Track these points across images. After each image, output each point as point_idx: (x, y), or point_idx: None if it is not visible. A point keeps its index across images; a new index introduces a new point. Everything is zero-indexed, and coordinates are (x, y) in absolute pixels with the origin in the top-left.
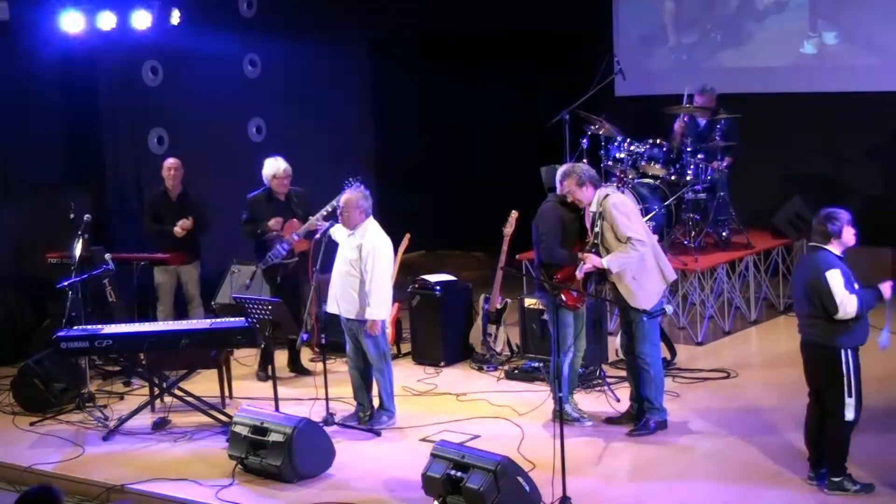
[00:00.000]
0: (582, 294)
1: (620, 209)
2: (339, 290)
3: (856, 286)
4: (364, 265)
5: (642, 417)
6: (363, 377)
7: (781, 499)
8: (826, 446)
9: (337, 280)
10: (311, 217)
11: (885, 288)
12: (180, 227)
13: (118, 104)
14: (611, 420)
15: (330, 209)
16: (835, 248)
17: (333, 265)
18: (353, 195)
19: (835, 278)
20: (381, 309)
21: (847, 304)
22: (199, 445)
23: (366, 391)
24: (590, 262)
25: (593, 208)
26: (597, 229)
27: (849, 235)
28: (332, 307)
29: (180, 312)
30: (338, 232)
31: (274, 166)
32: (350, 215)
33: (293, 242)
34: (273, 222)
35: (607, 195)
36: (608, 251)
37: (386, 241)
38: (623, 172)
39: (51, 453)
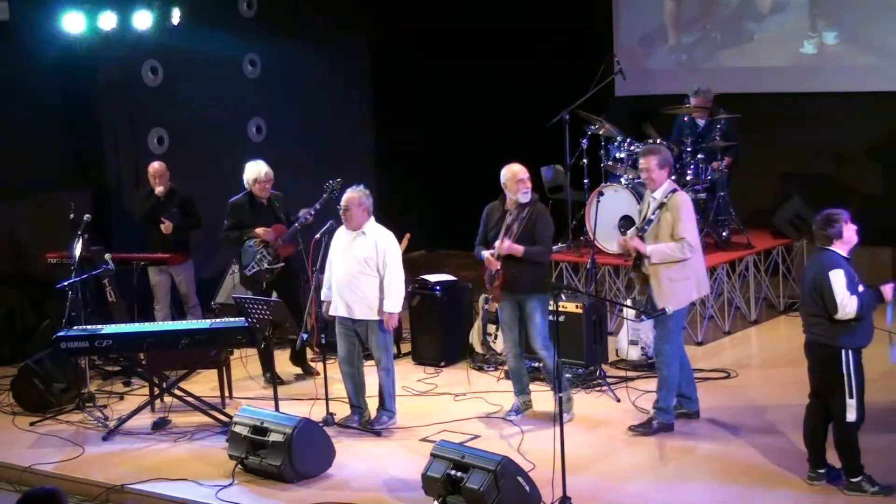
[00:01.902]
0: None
1: (689, 209)
2: (348, 291)
3: (860, 288)
4: (381, 260)
5: (650, 418)
6: (360, 380)
7: (781, 499)
8: (835, 449)
9: (345, 281)
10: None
11: (887, 290)
12: (164, 227)
13: (118, 104)
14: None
15: (313, 212)
16: (840, 249)
17: (332, 268)
18: (356, 194)
19: (837, 278)
20: (400, 302)
21: (847, 304)
22: (199, 445)
23: (363, 393)
24: (633, 245)
25: (657, 195)
26: (651, 216)
27: (850, 234)
28: (337, 309)
29: (181, 313)
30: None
31: (255, 170)
32: (354, 214)
33: (278, 247)
34: (262, 231)
35: (675, 190)
36: (654, 241)
37: (394, 238)
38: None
39: (51, 453)
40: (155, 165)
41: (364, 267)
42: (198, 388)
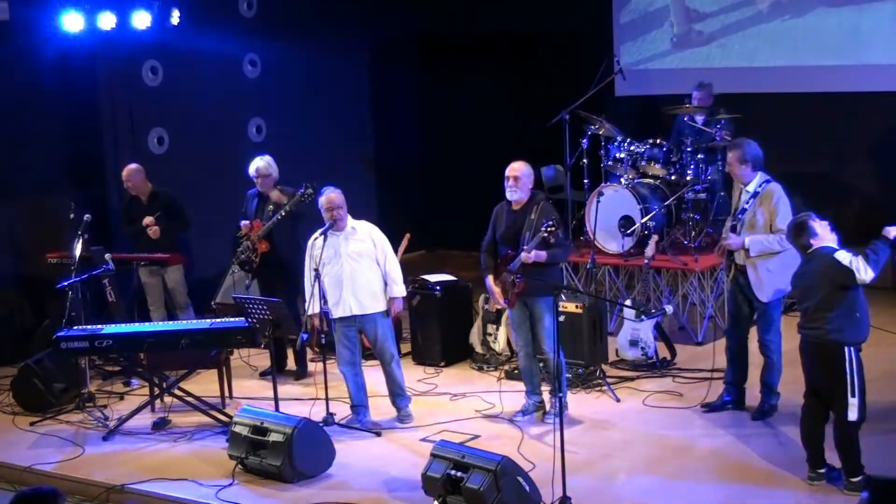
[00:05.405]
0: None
1: (784, 201)
2: (357, 287)
3: None
4: (381, 252)
5: (762, 403)
6: (362, 380)
7: (781, 499)
8: (836, 449)
9: (352, 279)
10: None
11: (890, 230)
12: (147, 224)
13: (118, 104)
14: (709, 406)
15: (280, 216)
16: (828, 245)
17: (326, 273)
18: (336, 194)
19: (841, 254)
20: (403, 287)
21: (859, 264)
22: (199, 445)
23: (365, 392)
24: (728, 244)
25: (750, 188)
26: (746, 206)
27: (824, 230)
28: (344, 310)
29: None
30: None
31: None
32: (341, 213)
33: (255, 242)
34: (243, 224)
35: (769, 181)
36: (750, 232)
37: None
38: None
39: (51, 453)
40: (126, 170)
41: (366, 261)
42: (198, 388)
